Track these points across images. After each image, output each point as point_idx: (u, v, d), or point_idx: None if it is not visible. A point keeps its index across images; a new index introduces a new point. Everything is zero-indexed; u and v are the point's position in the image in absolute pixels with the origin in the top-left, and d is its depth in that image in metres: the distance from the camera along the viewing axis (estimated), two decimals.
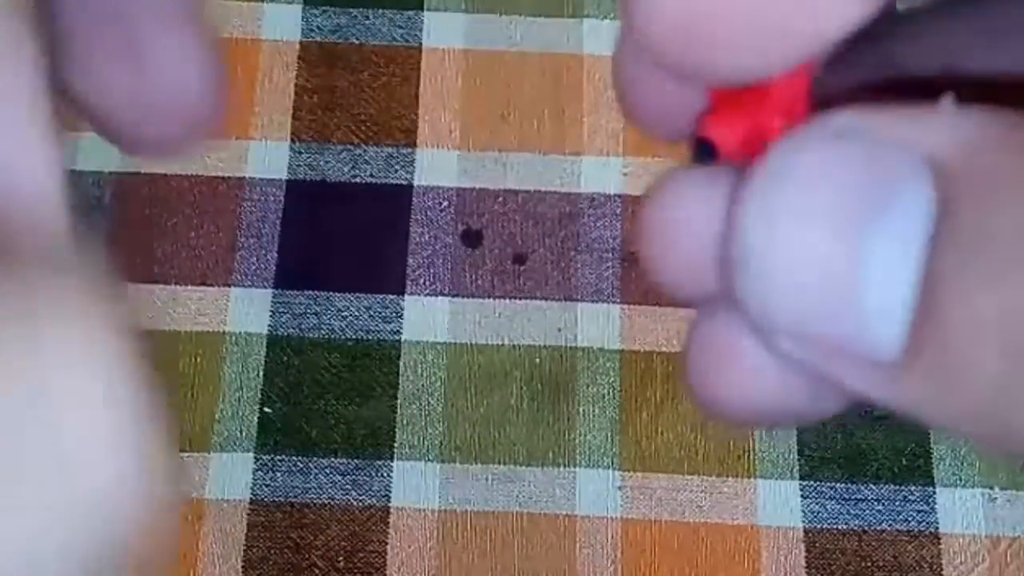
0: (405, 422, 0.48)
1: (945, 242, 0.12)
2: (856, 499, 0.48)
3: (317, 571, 0.47)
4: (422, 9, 0.55)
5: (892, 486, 0.48)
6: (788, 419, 0.15)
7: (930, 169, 0.12)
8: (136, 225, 0.51)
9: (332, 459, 0.48)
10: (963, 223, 0.12)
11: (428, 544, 0.47)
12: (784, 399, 0.14)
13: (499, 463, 0.48)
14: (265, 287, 0.50)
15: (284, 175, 0.52)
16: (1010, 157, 0.12)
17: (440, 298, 0.50)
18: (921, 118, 0.12)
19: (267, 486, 0.47)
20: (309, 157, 0.52)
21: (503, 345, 0.50)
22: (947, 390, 0.12)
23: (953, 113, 0.12)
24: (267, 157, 0.52)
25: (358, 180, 0.52)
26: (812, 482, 0.48)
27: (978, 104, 0.12)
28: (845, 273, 0.12)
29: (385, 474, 0.48)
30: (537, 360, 0.49)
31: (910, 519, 0.47)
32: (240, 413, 0.48)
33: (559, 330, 0.50)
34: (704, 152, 0.14)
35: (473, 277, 0.51)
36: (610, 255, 0.51)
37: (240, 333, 0.49)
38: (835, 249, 0.12)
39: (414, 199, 0.52)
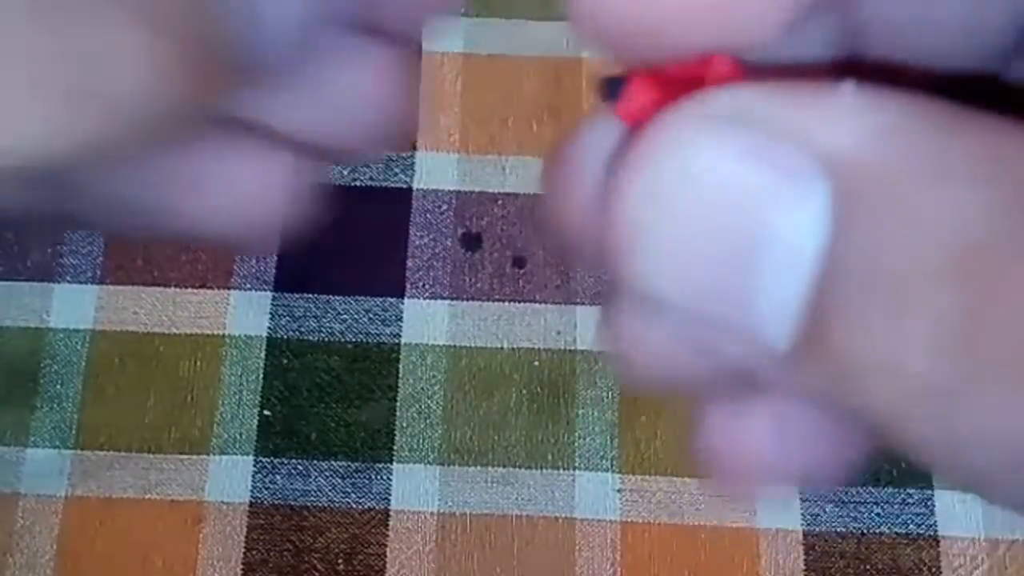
0: (404, 425, 0.48)
1: (837, 265, 0.11)
2: (855, 502, 0.48)
3: (317, 574, 0.47)
4: None
5: (891, 489, 0.48)
6: (788, 479, 0.14)
7: (826, 170, 0.11)
8: None
9: (331, 462, 0.48)
10: (856, 244, 0.11)
11: (427, 547, 0.47)
12: (789, 465, 0.13)
13: (498, 466, 0.48)
14: (265, 290, 0.50)
15: None
16: (915, 155, 0.11)
17: (439, 301, 0.50)
18: (818, 104, 0.11)
19: (267, 489, 0.47)
20: None
21: (502, 348, 0.50)
22: (841, 394, 0.11)
23: (853, 100, 0.11)
24: None
25: (358, 183, 0.52)
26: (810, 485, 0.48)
27: (884, 89, 0.11)
28: (735, 259, 0.12)
29: (384, 477, 0.48)
30: (536, 363, 0.50)
31: (909, 522, 0.47)
32: (240, 416, 0.48)
33: (558, 333, 0.50)
34: (613, 88, 0.14)
35: (472, 280, 0.51)
36: None
37: (240, 336, 0.49)
38: (725, 236, 0.12)
39: (413, 202, 0.52)
